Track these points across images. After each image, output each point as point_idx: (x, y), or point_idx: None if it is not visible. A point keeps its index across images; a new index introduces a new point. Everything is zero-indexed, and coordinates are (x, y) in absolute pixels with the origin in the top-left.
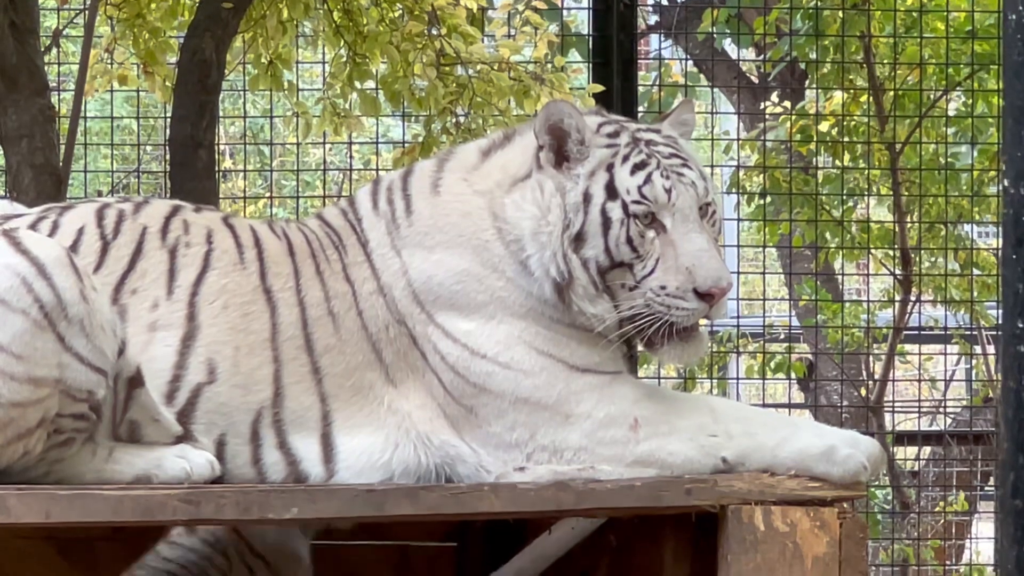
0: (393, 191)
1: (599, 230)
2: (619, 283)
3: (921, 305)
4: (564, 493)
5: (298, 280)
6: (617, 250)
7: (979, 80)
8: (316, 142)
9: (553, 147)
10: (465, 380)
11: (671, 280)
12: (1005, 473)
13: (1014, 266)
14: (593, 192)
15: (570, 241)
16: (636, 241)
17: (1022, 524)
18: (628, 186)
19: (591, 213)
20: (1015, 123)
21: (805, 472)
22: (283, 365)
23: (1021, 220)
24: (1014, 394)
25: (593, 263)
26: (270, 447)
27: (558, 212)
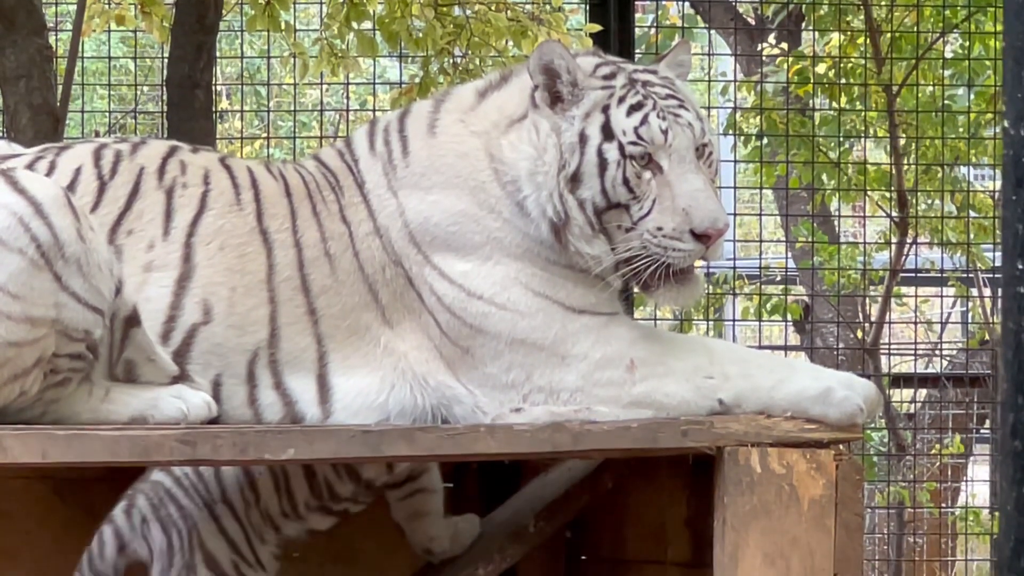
0: (390, 132)
1: (595, 171)
2: (615, 224)
3: (917, 247)
4: (560, 434)
5: (295, 221)
6: (613, 191)
7: (976, 22)
8: (313, 83)
9: (547, 87)
10: (461, 321)
11: (668, 221)
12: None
13: (1014, 207)
14: (589, 133)
15: (566, 181)
16: (632, 182)
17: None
18: (624, 127)
19: (587, 154)
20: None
21: (801, 414)
22: (279, 306)
23: (1021, 161)
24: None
25: (589, 204)
26: (266, 388)
27: (554, 152)
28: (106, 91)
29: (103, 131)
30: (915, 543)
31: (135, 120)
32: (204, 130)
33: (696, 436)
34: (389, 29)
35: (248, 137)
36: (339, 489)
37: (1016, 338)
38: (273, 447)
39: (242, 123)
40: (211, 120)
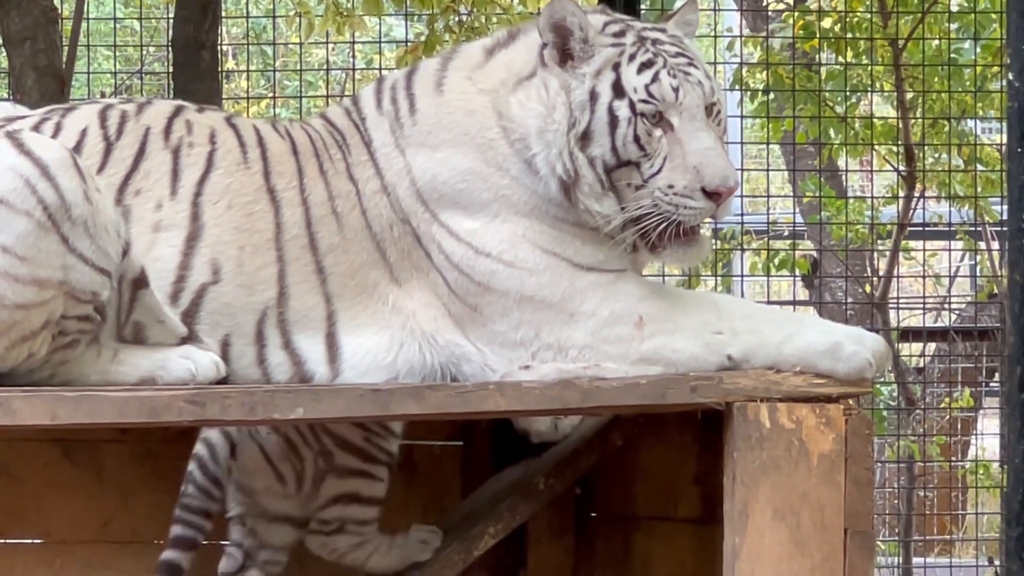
0: (397, 90)
1: (606, 129)
2: (625, 182)
3: (925, 201)
4: (569, 391)
5: (302, 179)
6: (624, 149)
7: None
8: (319, 42)
9: (557, 45)
10: (469, 279)
11: (679, 179)
12: (1012, 367)
13: (1019, 159)
14: (600, 91)
15: (576, 139)
16: (643, 139)
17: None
18: (635, 84)
19: (597, 112)
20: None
21: (810, 369)
22: (287, 265)
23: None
24: (1020, 288)
25: (600, 161)
26: (275, 347)
27: (563, 110)
28: (111, 52)
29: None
30: (925, 497)
31: (141, 81)
32: (210, 90)
33: (705, 392)
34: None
35: (254, 97)
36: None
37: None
38: (282, 406)
39: (248, 83)
40: (217, 80)
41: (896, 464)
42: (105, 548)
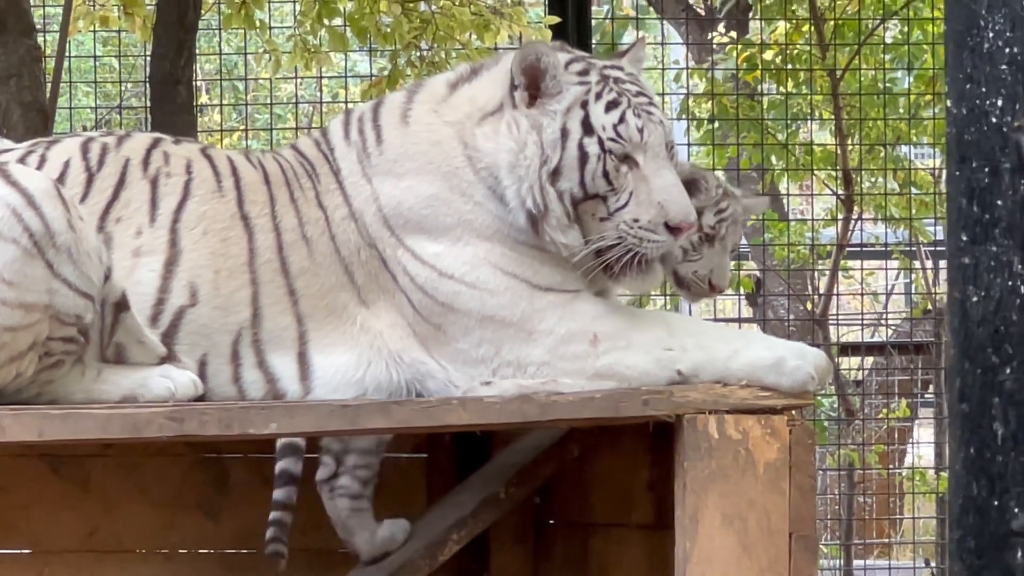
0: (364, 122)
1: (576, 164)
2: (591, 214)
3: (862, 223)
4: (528, 405)
5: (273, 207)
6: (593, 183)
7: (915, 8)
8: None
9: (526, 86)
10: (433, 300)
11: (643, 213)
12: (952, 379)
13: (957, 182)
14: (570, 128)
15: (547, 175)
16: (612, 175)
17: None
18: (603, 123)
19: (568, 148)
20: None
21: (756, 382)
22: (261, 287)
23: (963, 139)
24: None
25: (568, 195)
26: (250, 366)
27: (534, 148)
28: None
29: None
30: (865, 502)
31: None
32: (186, 123)
33: (656, 405)
34: (359, 25)
35: (227, 129)
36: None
37: (962, 307)
38: (256, 422)
39: (221, 116)
40: (192, 114)
41: (837, 472)
42: (90, 557)
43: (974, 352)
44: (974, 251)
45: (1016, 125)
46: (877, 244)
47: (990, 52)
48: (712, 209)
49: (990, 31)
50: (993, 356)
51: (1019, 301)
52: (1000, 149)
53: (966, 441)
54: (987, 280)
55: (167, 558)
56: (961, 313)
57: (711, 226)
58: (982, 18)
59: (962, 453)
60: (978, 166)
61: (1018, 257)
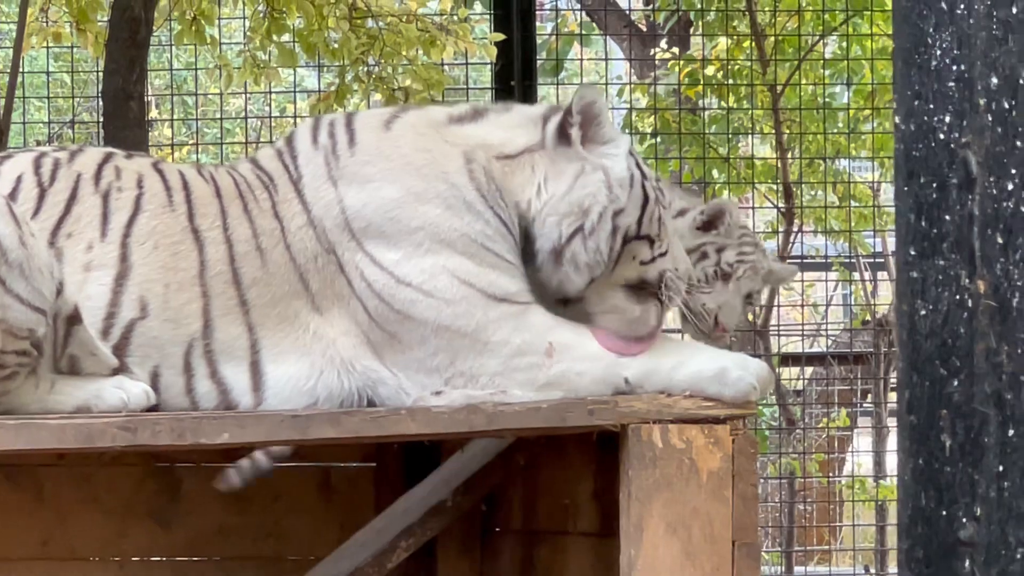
0: (336, 126)
1: (639, 204)
2: (631, 255)
3: (803, 235)
4: (475, 415)
5: (225, 220)
6: (649, 224)
7: (854, 25)
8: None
9: (584, 126)
10: (389, 307)
11: (680, 264)
12: (901, 391)
13: (905, 197)
14: (633, 170)
15: (613, 214)
16: (663, 219)
17: (917, 438)
18: (647, 172)
19: (635, 188)
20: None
21: (699, 393)
22: (211, 299)
23: (911, 155)
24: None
25: (622, 232)
26: (202, 377)
27: (602, 189)
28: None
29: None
30: (805, 510)
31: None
32: (137, 138)
33: (602, 415)
34: (307, 41)
35: (177, 144)
36: None
37: (910, 319)
38: (208, 432)
39: (172, 131)
40: (144, 129)
41: (778, 480)
42: (43, 565)
43: (922, 364)
44: (922, 265)
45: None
46: (817, 256)
47: (937, 70)
48: (735, 248)
49: (937, 49)
50: (941, 368)
51: (966, 315)
52: (947, 165)
53: (914, 452)
54: (935, 294)
55: (120, 566)
56: (909, 326)
57: (729, 263)
58: (930, 36)
59: (911, 464)
60: (926, 182)
61: (965, 271)
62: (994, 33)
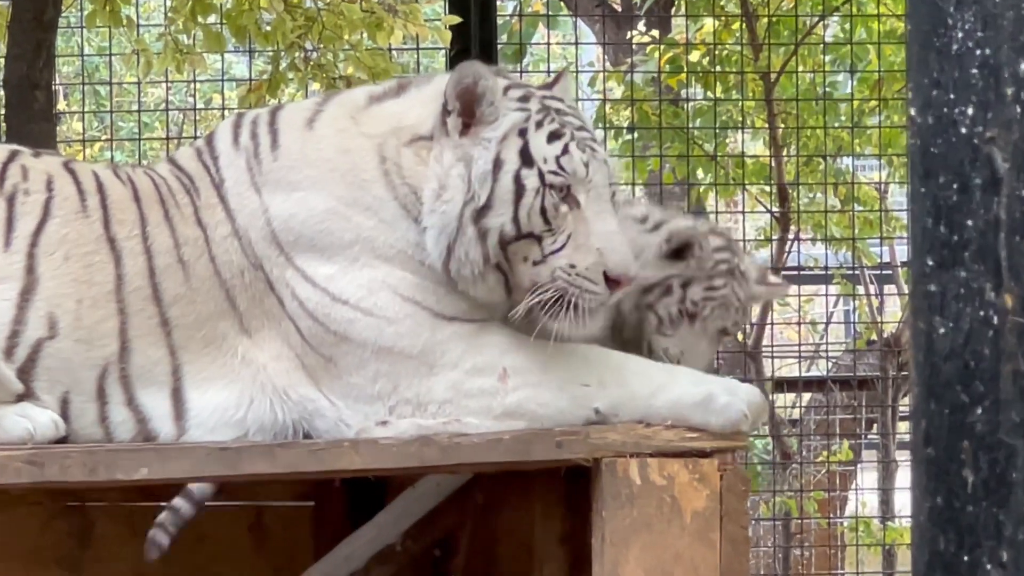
0: (258, 124)
1: (510, 198)
2: (522, 257)
3: (799, 243)
4: (428, 448)
5: (144, 227)
6: (528, 220)
7: (858, 4)
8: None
9: (460, 111)
10: (325, 328)
11: (581, 259)
12: (915, 420)
13: (922, 200)
14: (505, 158)
15: (472, 215)
16: (550, 213)
17: (935, 474)
18: (545, 155)
19: (502, 180)
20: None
21: (682, 422)
22: (129, 317)
23: (929, 151)
24: (925, 336)
25: (497, 233)
26: (117, 404)
27: (459, 184)
28: None
29: None
30: (803, 556)
31: None
32: (44, 132)
33: (571, 447)
34: (236, 23)
35: (88, 139)
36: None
37: (927, 339)
38: (125, 466)
39: (83, 125)
40: (51, 121)
41: (772, 521)
42: None
43: (941, 390)
44: (941, 277)
45: (988, 136)
46: (816, 267)
47: (959, 54)
48: (703, 282)
49: (959, 31)
50: (962, 394)
51: (991, 333)
52: (970, 163)
53: (932, 490)
54: (955, 309)
55: None
56: (926, 347)
57: (695, 301)
58: (950, 16)
59: (928, 503)
60: (945, 182)
61: (990, 284)
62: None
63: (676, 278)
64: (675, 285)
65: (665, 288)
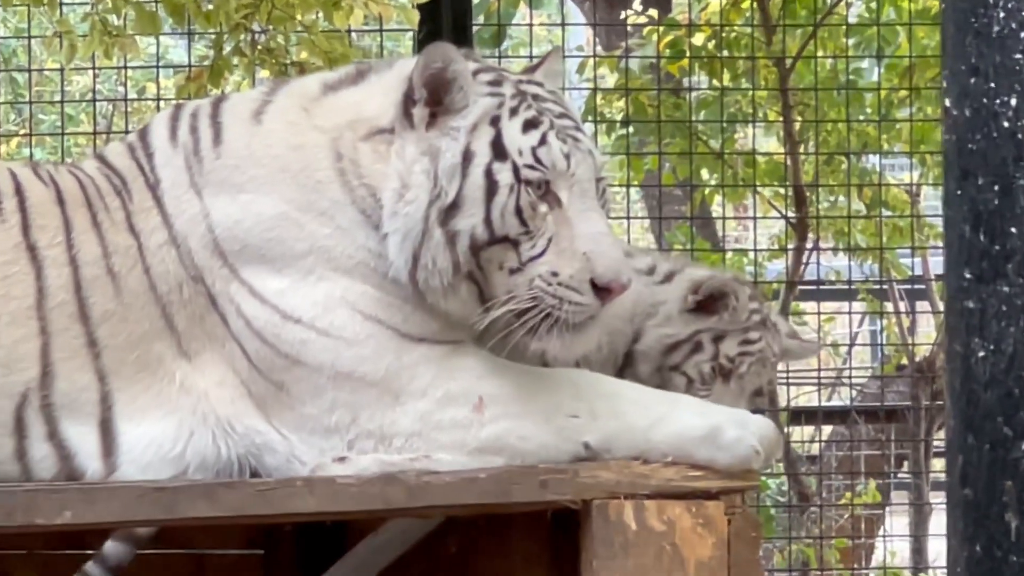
0: (199, 118)
1: (481, 196)
2: (497, 264)
3: (819, 254)
4: (393, 488)
5: (69, 234)
6: (502, 221)
7: None
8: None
9: (427, 100)
10: (275, 350)
11: (565, 266)
12: (951, 457)
13: (959, 205)
14: (476, 150)
15: (439, 215)
16: (527, 213)
17: (974, 519)
18: (520, 146)
19: (472, 175)
20: (957, 30)
21: (685, 459)
22: (52, 338)
23: (966, 148)
24: (961, 360)
25: (467, 237)
26: (38, 438)
27: (424, 180)
28: None
29: None
30: None
31: None
32: None
33: (557, 487)
34: (173, 1)
35: (5, 135)
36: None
37: (964, 364)
38: (46, 510)
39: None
40: None
41: (788, 572)
42: None
43: (980, 422)
44: (980, 292)
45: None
46: (838, 281)
47: (1000, 37)
48: (738, 336)
49: (1001, 10)
50: (1005, 427)
51: None
52: (1014, 161)
53: (970, 536)
54: (997, 330)
55: None
56: (963, 372)
57: (730, 357)
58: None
59: (965, 552)
60: (985, 183)
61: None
62: None
63: (706, 333)
64: (706, 341)
65: (694, 345)
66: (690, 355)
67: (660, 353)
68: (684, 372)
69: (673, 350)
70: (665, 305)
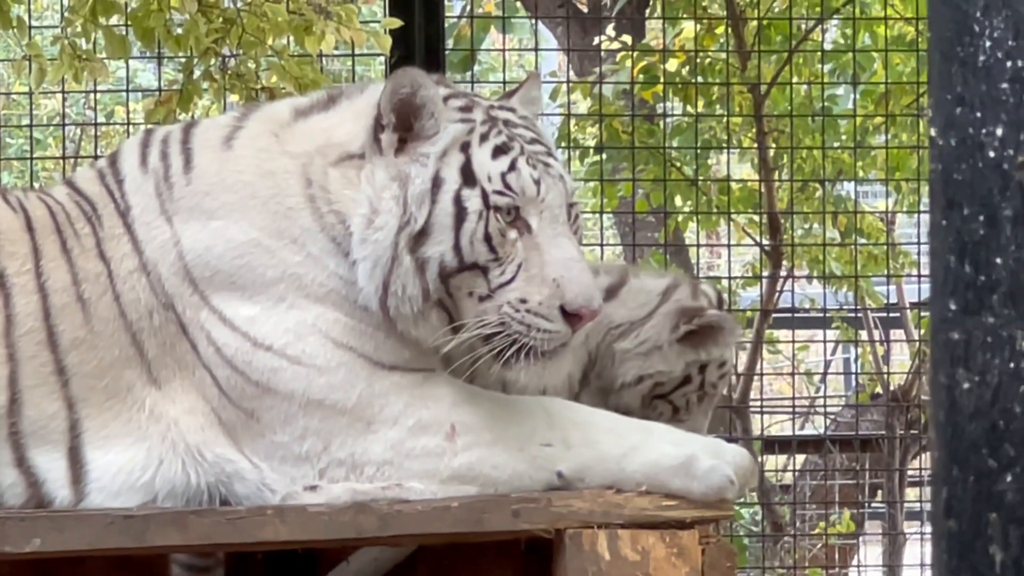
0: (169, 143)
1: (450, 223)
2: (466, 291)
3: (793, 281)
4: (365, 516)
5: (38, 261)
6: (471, 248)
7: (861, 6)
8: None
9: (396, 126)
10: (245, 378)
11: (534, 293)
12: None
13: (944, 235)
14: (445, 176)
15: (409, 242)
16: (496, 240)
17: (958, 550)
18: (489, 172)
19: (441, 202)
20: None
21: (659, 488)
22: (20, 365)
23: (952, 178)
24: (946, 391)
25: (436, 264)
26: (5, 465)
27: (393, 207)
28: None
29: None
30: None
31: None
32: None
33: (530, 516)
34: (143, 25)
35: None
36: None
37: (949, 395)
38: (14, 537)
39: None
40: None
41: None
42: None
43: (965, 454)
44: (965, 323)
45: (1020, 161)
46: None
47: (986, 67)
48: (716, 363)
49: (987, 39)
50: (990, 459)
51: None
52: (1000, 191)
53: (955, 569)
54: (982, 361)
55: None
56: (948, 404)
57: (713, 383)
58: (977, 22)
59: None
60: (971, 213)
61: (1022, 331)
62: None
63: (694, 365)
64: (694, 373)
65: (684, 378)
66: (678, 387)
67: (650, 387)
68: (670, 402)
69: (660, 383)
70: (651, 338)
